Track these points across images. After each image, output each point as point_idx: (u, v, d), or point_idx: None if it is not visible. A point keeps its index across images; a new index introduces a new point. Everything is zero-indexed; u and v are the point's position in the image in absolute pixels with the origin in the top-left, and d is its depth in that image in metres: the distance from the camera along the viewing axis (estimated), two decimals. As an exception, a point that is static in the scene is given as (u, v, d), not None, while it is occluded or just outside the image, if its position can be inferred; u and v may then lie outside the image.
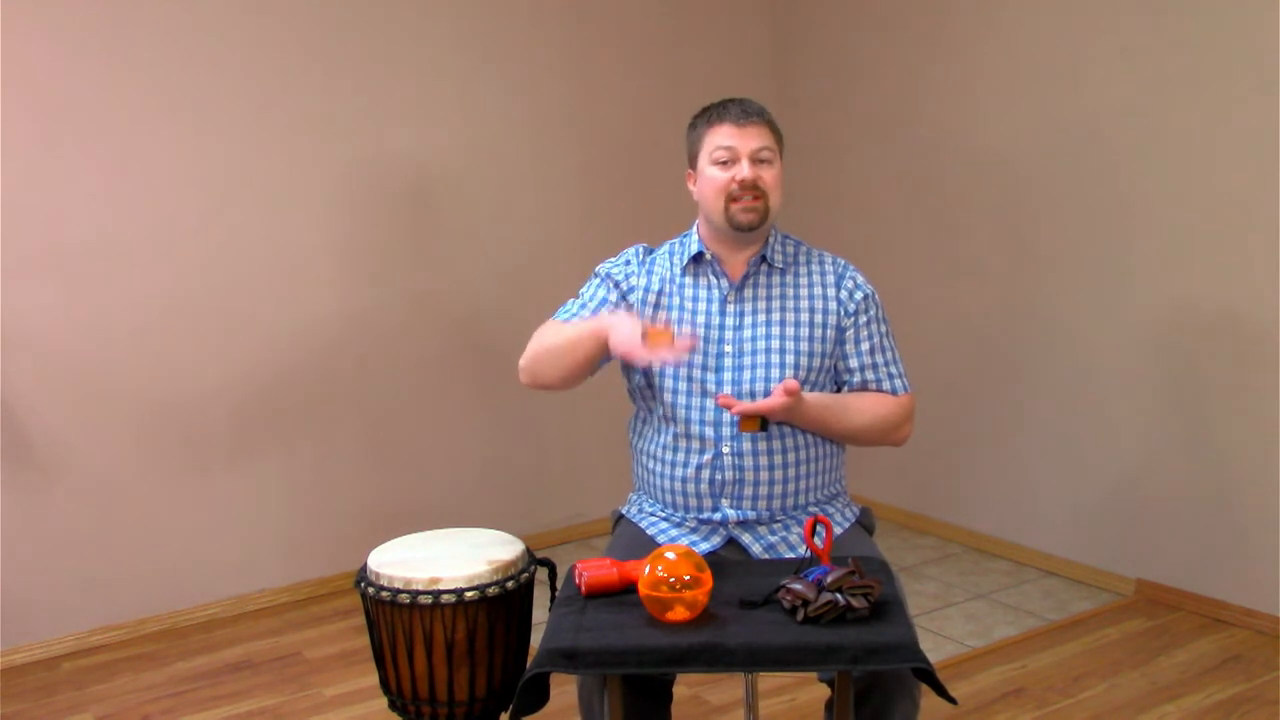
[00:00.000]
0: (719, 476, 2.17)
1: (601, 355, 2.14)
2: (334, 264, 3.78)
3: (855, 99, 4.34)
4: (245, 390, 3.66)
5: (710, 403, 2.16)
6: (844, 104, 4.38)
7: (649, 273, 2.28)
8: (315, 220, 3.74)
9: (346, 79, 3.74)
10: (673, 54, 4.37)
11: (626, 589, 1.89)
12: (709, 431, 2.17)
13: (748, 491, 2.17)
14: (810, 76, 4.51)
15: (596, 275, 2.32)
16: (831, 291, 2.24)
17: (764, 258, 2.23)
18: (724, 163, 2.17)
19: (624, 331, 2.02)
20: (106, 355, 3.44)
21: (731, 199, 2.16)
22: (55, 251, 3.35)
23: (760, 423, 2.07)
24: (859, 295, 2.24)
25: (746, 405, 2.07)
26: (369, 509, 3.88)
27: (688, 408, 2.18)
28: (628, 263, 2.31)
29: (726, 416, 2.14)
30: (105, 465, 3.47)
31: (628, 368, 2.28)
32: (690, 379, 2.18)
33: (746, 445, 2.16)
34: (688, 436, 2.19)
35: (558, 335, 2.19)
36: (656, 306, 2.24)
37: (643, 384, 2.24)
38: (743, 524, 2.19)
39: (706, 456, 2.17)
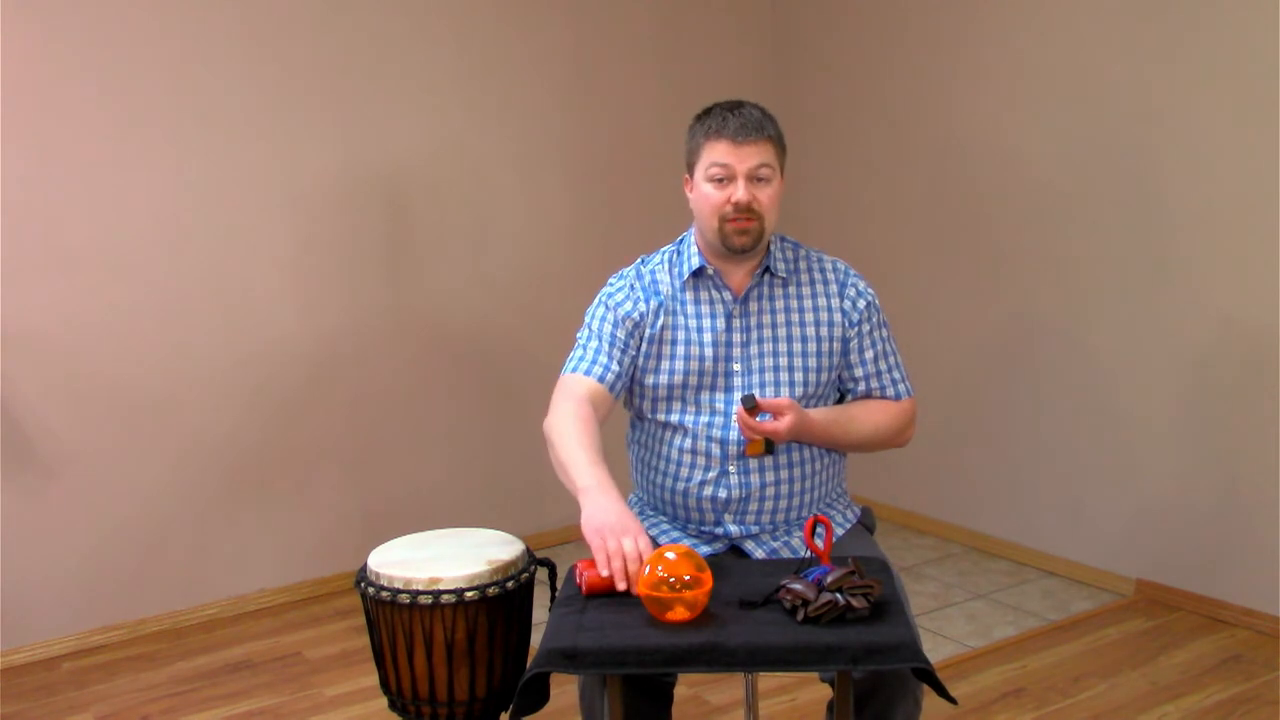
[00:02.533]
0: (723, 494, 2.15)
1: None
2: (335, 266, 3.78)
3: (859, 100, 4.33)
4: (245, 390, 3.66)
5: (719, 420, 2.14)
6: (849, 107, 4.38)
7: (656, 294, 2.21)
8: (318, 223, 3.74)
9: (344, 85, 3.74)
10: (671, 56, 4.36)
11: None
12: (715, 450, 2.15)
13: (752, 508, 2.16)
14: (814, 79, 4.50)
15: (602, 305, 2.23)
16: (835, 302, 2.21)
17: (767, 268, 2.20)
18: (719, 180, 2.11)
19: (588, 524, 1.90)
20: (106, 355, 3.44)
21: (725, 219, 2.10)
22: (54, 252, 3.35)
23: (765, 445, 2.06)
24: (861, 304, 2.22)
25: (754, 424, 2.04)
26: (368, 509, 3.88)
27: (695, 423, 2.16)
28: (632, 288, 2.23)
29: (734, 435, 2.12)
30: (105, 465, 3.47)
31: (630, 393, 2.24)
32: (699, 400, 2.16)
33: (753, 463, 2.14)
34: (693, 453, 2.16)
35: (563, 448, 2.05)
36: (663, 328, 2.19)
37: (645, 410, 2.22)
38: (744, 535, 2.18)
39: (712, 474, 2.15)
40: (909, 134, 4.15)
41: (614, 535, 1.86)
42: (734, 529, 2.17)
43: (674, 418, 2.17)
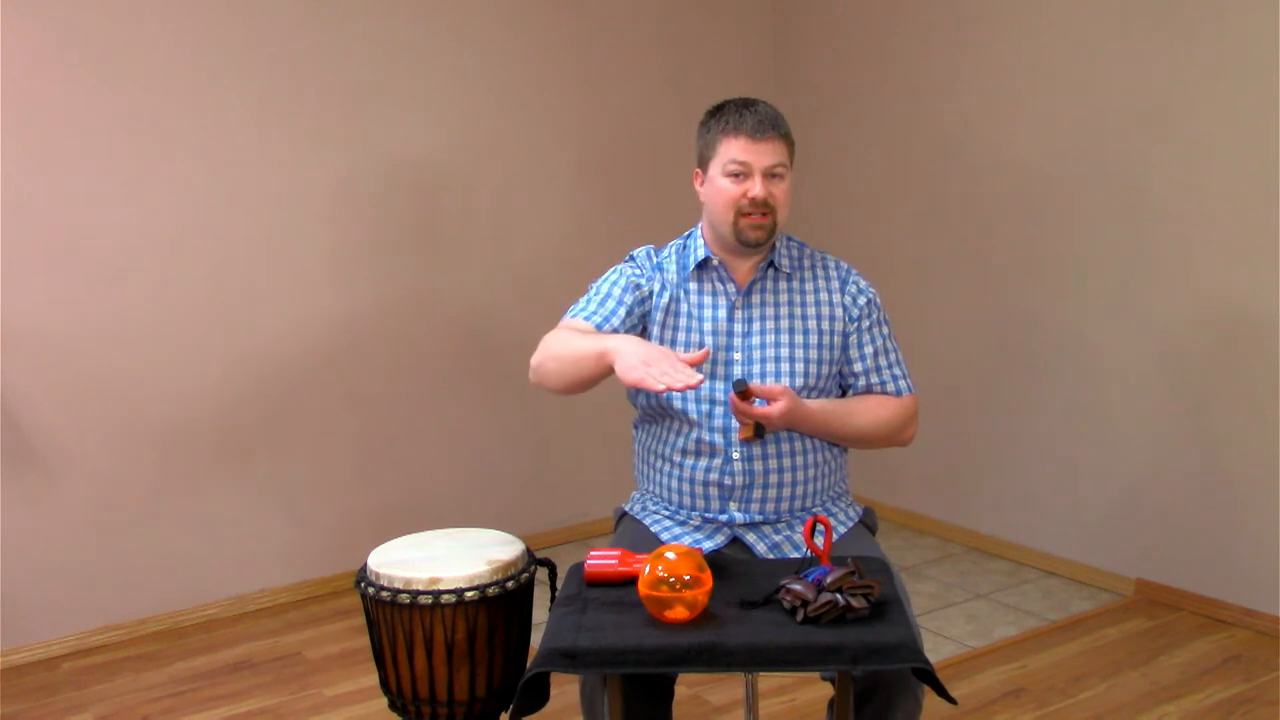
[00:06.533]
0: (728, 481, 2.17)
1: (604, 375, 2.08)
2: (334, 265, 3.78)
3: (860, 100, 4.33)
4: (246, 390, 3.66)
5: (720, 410, 2.16)
6: (849, 105, 4.38)
7: (664, 280, 2.25)
8: (317, 221, 3.74)
9: (348, 81, 3.74)
10: (675, 55, 4.36)
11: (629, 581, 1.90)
12: (719, 438, 2.17)
13: (756, 495, 2.18)
14: (814, 78, 4.51)
15: (616, 271, 2.28)
16: (837, 298, 2.24)
17: (771, 263, 2.23)
18: (737, 175, 2.15)
19: (628, 360, 1.96)
20: (107, 355, 3.44)
21: (741, 214, 2.15)
22: (56, 252, 3.34)
23: (755, 429, 2.06)
24: (862, 300, 2.25)
25: (745, 408, 2.06)
26: (369, 509, 3.88)
27: (698, 414, 2.18)
28: (644, 266, 2.28)
29: (736, 423, 2.14)
30: (105, 465, 3.47)
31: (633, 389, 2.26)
32: (700, 388, 2.16)
33: (756, 450, 2.16)
34: (698, 441, 2.18)
35: (566, 347, 2.12)
36: (667, 313, 2.23)
37: (645, 404, 2.24)
38: (748, 524, 2.19)
39: (716, 461, 2.17)
40: (907, 134, 4.15)
41: (656, 361, 1.92)
42: (738, 515, 2.19)
43: (676, 404, 2.19)
